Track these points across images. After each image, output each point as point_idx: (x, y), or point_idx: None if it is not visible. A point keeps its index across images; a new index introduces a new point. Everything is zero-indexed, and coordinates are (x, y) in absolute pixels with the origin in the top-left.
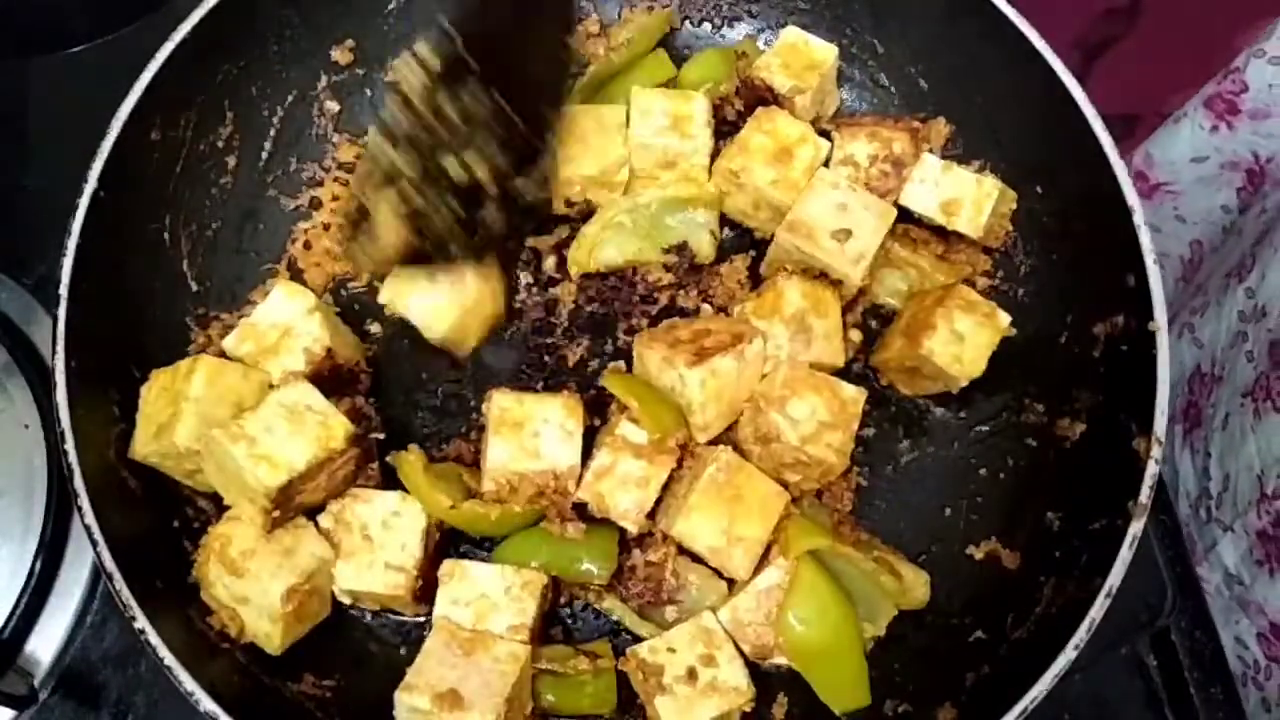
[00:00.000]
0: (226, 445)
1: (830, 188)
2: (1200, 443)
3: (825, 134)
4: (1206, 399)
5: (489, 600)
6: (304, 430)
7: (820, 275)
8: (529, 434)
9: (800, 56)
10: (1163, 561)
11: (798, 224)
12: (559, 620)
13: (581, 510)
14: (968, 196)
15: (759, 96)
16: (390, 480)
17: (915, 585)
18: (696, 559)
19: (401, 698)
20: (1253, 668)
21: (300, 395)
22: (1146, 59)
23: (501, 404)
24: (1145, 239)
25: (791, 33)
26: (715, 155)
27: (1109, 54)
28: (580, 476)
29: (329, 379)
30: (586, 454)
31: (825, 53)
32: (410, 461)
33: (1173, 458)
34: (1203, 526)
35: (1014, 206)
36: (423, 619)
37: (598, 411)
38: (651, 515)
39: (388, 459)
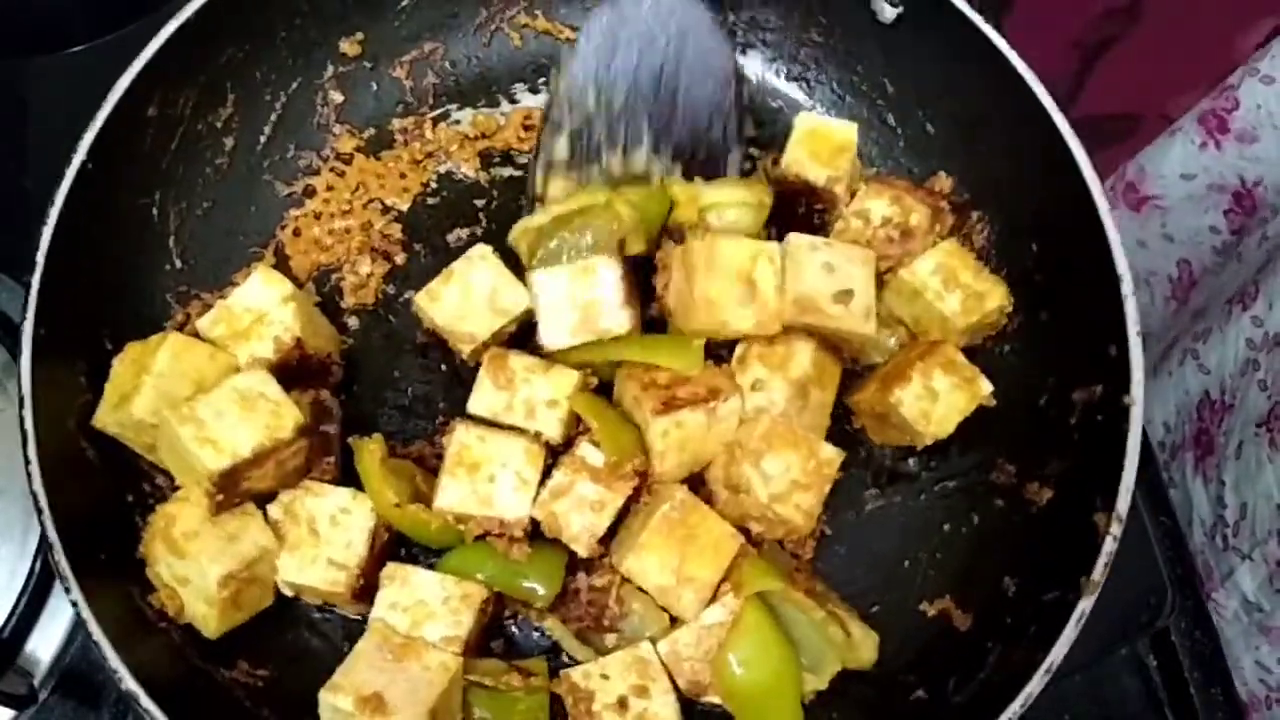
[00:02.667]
0: (175, 426)
1: (809, 250)
2: (1213, 470)
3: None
4: (1218, 427)
5: (426, 608)
6: (254, 417)
7: (833, 347)
8: (484, 477)
9: (823, 141)
10: (1163, 561)
11: (801, 300)
12: (502, 633)
13: (534, 526)
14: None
15: (796, 192)
16: (348, 477)
17: (863, 645)
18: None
19: (325, 697)
20: (1276, 690)
21: (255, 383)
22: (1146, 59)
23: (462, 440)
24: (1131, 309)
25: (807, 119)
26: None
27: (1109, 54)
28: (536, 495)
29: (298, 369)
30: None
31: (847, 131)
32: (370, 450)
33: (1185, 485)
34: (1219, 554)
35: (1008, 308)
36: (365, 618)
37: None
38: (604, 542)
39: (349, 440)
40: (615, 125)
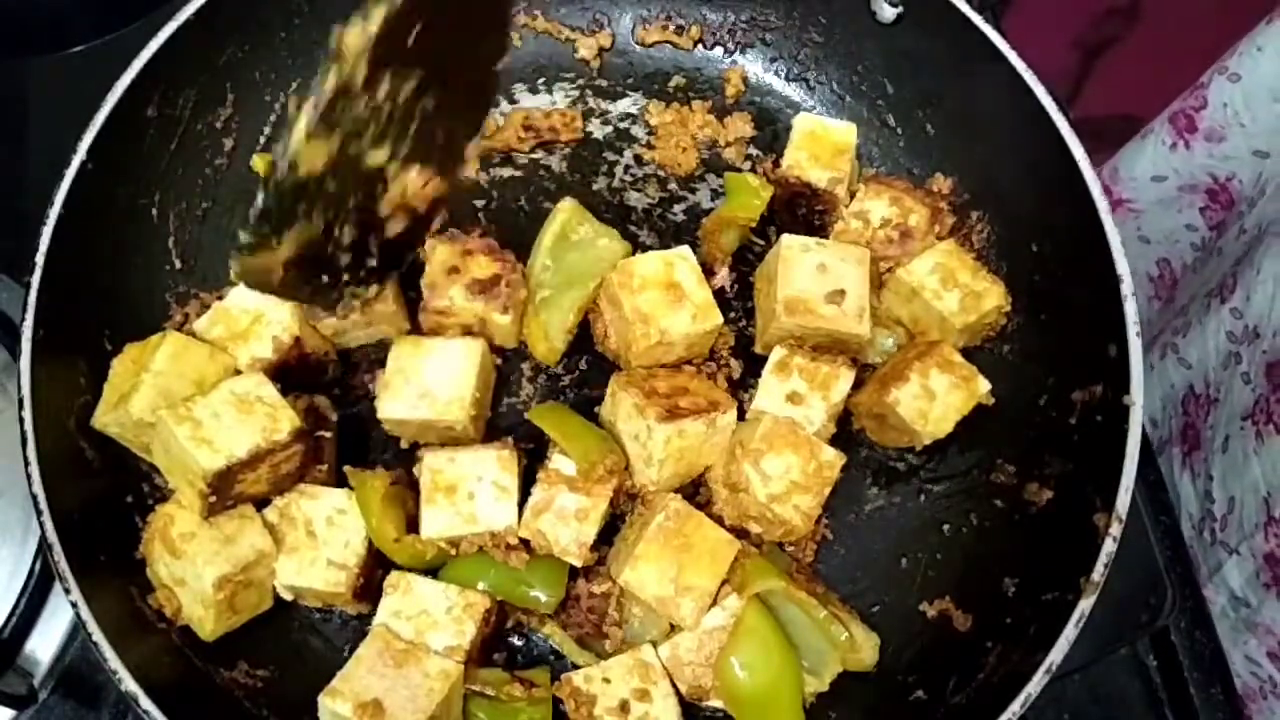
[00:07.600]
0: (171, 425)
1: (801, 251)
2: (1200, 465)
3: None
4: (1204, 421)
5: (430, 617)
6: (251, 420)
7: (828, 350)
8: (463, 496)
9: (823, 144)
10: (1163, 562)
11: (792, 302)
12: (505, 644)
13: (526, 544)
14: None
15: (797, 194)
16: (342, 479)
17: (864, 646)
18: None
19: (324, 702)
20: (1268, 682)
21: (252, 386)
22: (1146, 59)
23: (433, 466)
24: (1131, 309)
25: (806, 120)
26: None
27: (1109, 54)
28: (520, 514)
29: (296, 368)
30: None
31: (846, 133)
32: (373, 487)
33: (1173, 480)
34: (1207, 549)
35: (1005, 308)
36: (368, 615)
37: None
38: (598, 548)
39: (346, 470)
40: None
